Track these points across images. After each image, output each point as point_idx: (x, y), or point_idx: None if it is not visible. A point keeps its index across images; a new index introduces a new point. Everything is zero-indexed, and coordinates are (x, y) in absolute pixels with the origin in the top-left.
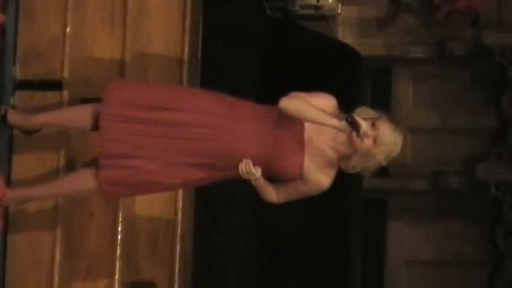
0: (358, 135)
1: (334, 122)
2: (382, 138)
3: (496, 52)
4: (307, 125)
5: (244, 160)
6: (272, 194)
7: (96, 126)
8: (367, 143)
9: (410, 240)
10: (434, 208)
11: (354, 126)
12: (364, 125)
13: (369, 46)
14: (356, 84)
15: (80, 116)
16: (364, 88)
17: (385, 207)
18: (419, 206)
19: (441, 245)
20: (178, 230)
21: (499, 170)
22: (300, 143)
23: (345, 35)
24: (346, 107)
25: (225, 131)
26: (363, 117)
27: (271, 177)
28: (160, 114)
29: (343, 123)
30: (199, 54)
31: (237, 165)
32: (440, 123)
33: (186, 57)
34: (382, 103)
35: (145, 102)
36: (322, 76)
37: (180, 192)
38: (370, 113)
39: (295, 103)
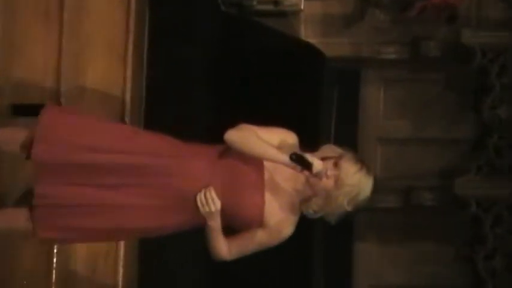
0: (311, 174)
1: (284, 158)
2: (344, 179)
3: (477, 53)
4: (266, 163)
5: (204, 189)
6: (224, 246)
7: (29, 155)
8: (326, 183)
9: (379, 263)
10: (406, 227)
11: (303, 164)
12: (317, 164)
13: (334, 46)
14: (319, 88)
15: (10, 139)
16: (328, 93)
17: (351, 227)
18: (389, 225)
19: (413, 268)
20: (121, 253)
21: (479, 184)
22: (260, 183)
23: (308, 34)
24: (308, 118)
25: (175, 170)
26: (326, 155)
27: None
28: (102, 157)
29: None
30: (145, 56)
31: (191, 208)
32: (413, 133)
33: (129, 59)
34: (349, 110)
35: (84, 142)
36: (282, 80)
37: None
38: (335, 150)
39: (240, 135)
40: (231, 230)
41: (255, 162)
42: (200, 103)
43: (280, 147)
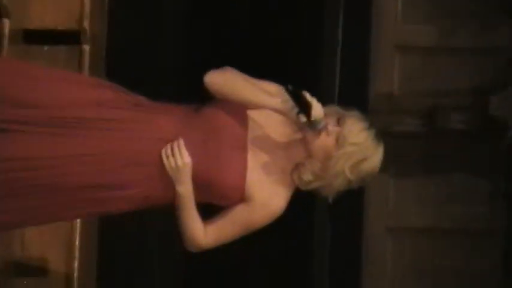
0: (308, 122)
1: (277, 102)
2: (347, 137)
3: None
4: (251, 123)
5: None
6: (198, 229)
7: None
8: (326, 141)
9: (398, 200)
10: (430, 156)
11: (300, 103)
12: (317, 107)
13: None
14: None
15: None
16: None
17: None
18: (409, 154)
19: (439, 207)
20: (77, 239)
21: None
22: (242, 143)
23: None
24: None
25: (137, 125)
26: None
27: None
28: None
29: (287, 103)
30: (105, 33)
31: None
32: (438, 40)
33: (88, 35)
34: (360, 12)
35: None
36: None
37: None
38: (339, 111)
39: (226, 77)
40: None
41: (237, 117)
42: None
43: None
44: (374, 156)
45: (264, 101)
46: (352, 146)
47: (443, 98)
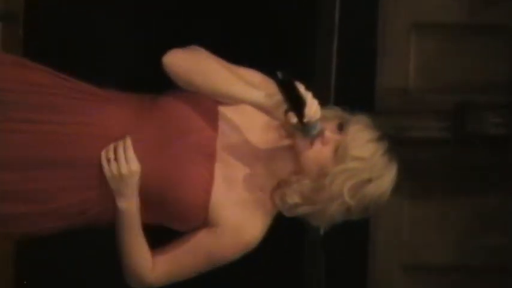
0: (301, 123)
1: (259, 95)
2: (350, 148)
3: None
4: (223, 122)
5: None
6: (145, 259)
7: None
8: (321, 151)
9: (413, 230)
10: (456, 170)
11: (291, 97)
12: (313, 104)
13: None
14: None
15: None
16: None
17: None
18: (428, 167)
19: (465, 240)
20: None
21: None
22: (208, 154)
23: None
24: None
25: (76, 117)
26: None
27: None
28: None
29: (273, 97)
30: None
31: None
32: (467, 17)
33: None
34: None
35: None
36: None
37: None
38: (341, 115)
39: (192, 59)
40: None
41: (205, 114)
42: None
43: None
44: (383, 177)
45: (242, 92)
46: (355, 161)
47: (475, 94)
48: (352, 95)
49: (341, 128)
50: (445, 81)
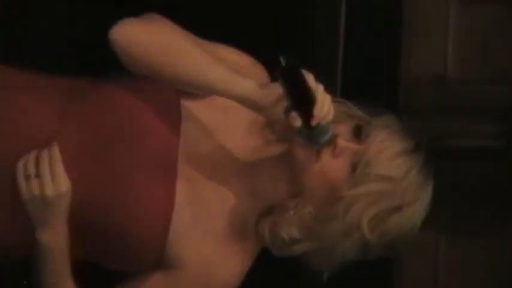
0: (307, 127)
1: (247, 86)
2: (373, 163)
3: None
4: (186, 122)
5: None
6: None
7: None
8: (333, 165)
9: (453, 277)
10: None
11: (295, 92)
12: (324, 102)
13: None
14: None
15: None
16: None
17: None
18: (477, 192)
19: None
20: None
21: None
22: (167, 166)
23: None
24: None
25: None
26: (334, 119)
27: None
28: None
29: (270, 90)
30: None
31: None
32: None
33: None
34: None
35: None
36: None
37: None
38: (356, 112)
39: (151, 32)
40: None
41: (162, 110)
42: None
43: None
44: (416, 203)
45: (224, 82)
46: (380, 181)
47: None
48: (366, 85)
49: (359, 133)
50: (498, 68)
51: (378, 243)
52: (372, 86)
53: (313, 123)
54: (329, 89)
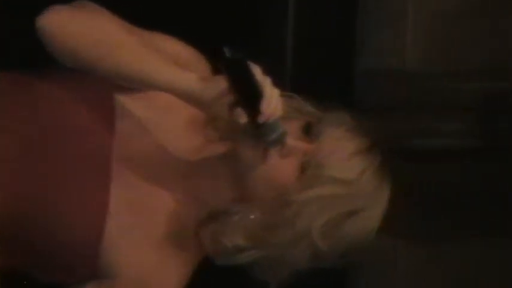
0: (254, 124)
1: (189, 79)
2: (326, 164)
3: None
4: (121, 120)
5: None
6: None
7: None
8: (282, 167)
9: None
10: (485, 198)
11: (241, 86)
12: (272, 97)
13: None
14: None
15: None
16: None
17: None
18: (441, 196)
19: None
20: None
21: None
22: (100, 169)
23: None
24: None
25: None
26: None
27: None
28: None
29: (214, 84)
30: None
31: None
32: None
33: None
34: None
35: None
36: None
37: None
38: (307, 108)
39: (83, 21)
40: None
41: (95, 106)
42: None
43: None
44: (373, 207)
45: (164, 75)
46: (333, 184)
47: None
48: (318, 80)
49: (309, 131)
50: (462, 61)
51: (330, 251)
52: (324, 80)
53: (261, 120)
54: (278, 83)
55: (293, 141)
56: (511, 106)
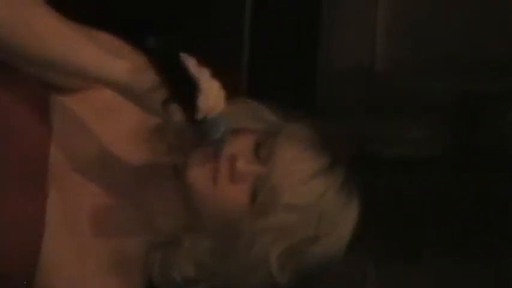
0: (192, 121)
1: (120, 68)
2: (280, 190)
3: None
4: (58, 119)
5: None
6: None
7: None
8: (231, 192)
9: None
10: (463, 212)
11: (177, 79)
12: (210, 92)
13: None
14: None
15: None
16: None
17: None
18: (416, 211)
19: None
20: None
21: None
22: (36, 176)
23: None
24: None
25: None
26: (238, 126)
27: None
28: None
29: (143, 76)
30: None
31: None
32: None
33: None
34: None
35: None
36: None
37: None
38: (263, 117)
39: (8, 5)
40: None
41: (28, 105)
42: None
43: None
44: (336, 231)
45: (95, 62)
46: (289, 211)
47: (490, 79)
48: (277, 80)
49: (259, 151)
50: (437, 58)
51: (291, 280)
52: (284, 81)
53: (198, 117)
54: (232, 83)
55: (243, 164)
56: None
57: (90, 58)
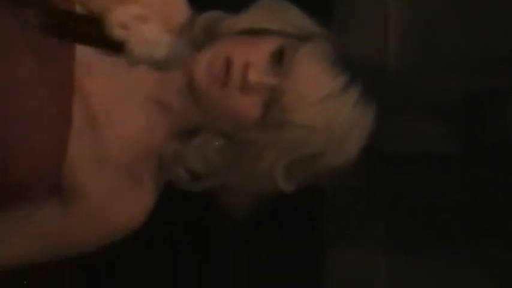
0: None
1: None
2: (292, 109)
3: None
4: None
5: None
6: None
7: None
8: (241, 102)
9: None
10: (466, 207)
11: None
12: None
13: None
14: None
15: None
16: None
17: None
18: (423, 204)
19: None
20: None
21: None
22: (62, 84)
23: None
24: None
25: None
26: (254, 25)
27: None
28: None
29: None
30: None
31: None
32: None
33: None
34: None
35: None
36: None
37: None
38: (293, 18)
39: None
40: None
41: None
42: None
43: None
44: (347, 145)
45: None
46: (297, 130)
47: (497, 79)
48: None
49: (280, 58)
50: (449, 56)
51: (297, 188)
52: None
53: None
54: None
55: (255, 76)
56: (500, 106)
57: None
